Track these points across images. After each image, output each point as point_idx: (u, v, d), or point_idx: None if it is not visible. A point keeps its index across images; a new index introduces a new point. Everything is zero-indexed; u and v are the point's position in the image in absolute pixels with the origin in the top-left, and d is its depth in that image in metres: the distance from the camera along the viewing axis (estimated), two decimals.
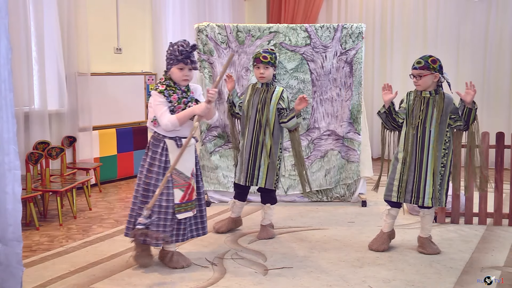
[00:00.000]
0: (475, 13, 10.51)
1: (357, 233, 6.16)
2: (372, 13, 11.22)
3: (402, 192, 5.43)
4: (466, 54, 10.59)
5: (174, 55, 4.88)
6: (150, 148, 4.99)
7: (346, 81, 7.45)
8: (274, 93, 5.84)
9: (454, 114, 5.35)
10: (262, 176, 5.85)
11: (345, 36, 7.39)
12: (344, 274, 4.95)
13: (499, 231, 6.37)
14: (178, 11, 10.12)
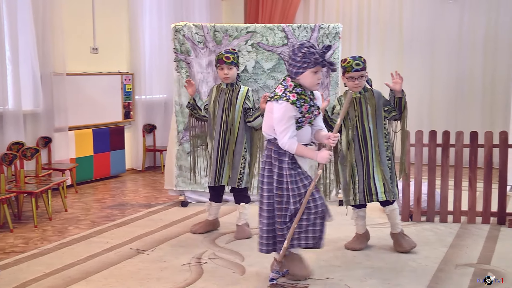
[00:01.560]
0: (449, 14, 10.62)
1: (335, 232, 6.13)
2: (349, 13, 11.27)
3: (357, 191, 5.49)
4: (440, 54, 10.68)
5: (309, 57, 4.39)
6: (275, 156, 4.58)
7: (323, 81, 7.44)
8: (239, 93, 5.88)
9: (386, 106, 5.44)
10: (226, 175, 5.90)
11: (322, 36, 7.43)
12: (322, 273, 4.95)
13: (473, 229, 6.45)
14: (155, 11, 10.09)
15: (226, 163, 5.89)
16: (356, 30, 11.25)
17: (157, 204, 7.51)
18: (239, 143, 5.88)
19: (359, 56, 5.44)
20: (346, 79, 5.43)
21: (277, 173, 4.57)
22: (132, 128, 9.84)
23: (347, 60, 5.40)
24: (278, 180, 4.56)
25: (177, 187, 7.35)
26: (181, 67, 7.29)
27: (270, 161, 4.61)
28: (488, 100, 10.48)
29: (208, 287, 4.63)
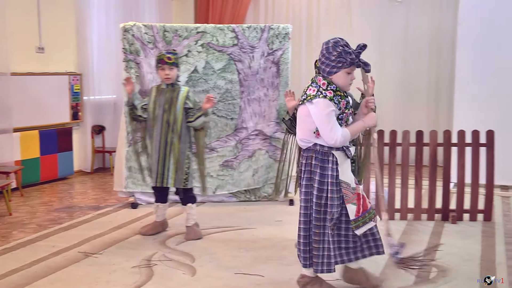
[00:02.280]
0: (396, 15, 10.78)
1: (285, 232, 6.18)
2: (298, 14, 11.31)
3: None
4: (388, 54, 10.84)
5: (344, 57, 4.27)
6: (315, 163, 4.32)
7: (273, 81, 7.50)
8: (180, 93, 5.87)
9: (355, 109, 5.51)
10: (171, 175, 5.86)
11: (272, 36, 7.46)
12: (272, 272, 4.97)
13: (419, 225, 6.58)
14: (103, 10, 9.97)
15: (171, 163, 5.84)
16: (306, 30, 11.30)
17: (106, 206, 7.41)
18: (183, 143, 5.86)
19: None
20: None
21: (318, 181, 4.28)
22: (81, 129, 9.70)
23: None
24: (319, 188, 4.28)
25: (127, 188, 7.28)
26: (130, 67, 7.22)
27: (309, 169, 4.34)
28: (432, 100, 10.67)
29: None
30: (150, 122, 5.94)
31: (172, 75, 5.85)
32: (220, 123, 7.41)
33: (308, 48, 11.29)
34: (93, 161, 9.80)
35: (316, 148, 4.32)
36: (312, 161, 4.32)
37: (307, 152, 4.38)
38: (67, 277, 4.85)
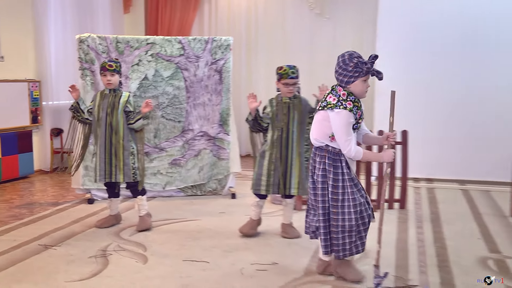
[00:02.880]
0: (324, 29, 10.90)
1: (228, 223, 6.20)
2: (238, 27, 11.32)
3: (270, 185, 5.55)
4: (318, 62, 10.90)
5: (361, 67, 4.24)
6: (329, 163, 4.35)
7: (216, 88, 7.51)
8: (121, 98, 5.82)
9: (311, 114, 5.57)
10: (119, 172, 5.81)
11: (215, 47, 7.46)
12: (216, 259, 4.97)
13: None
14: (60, 21, 9.77)
15: (116, 160, 5.80)
16: (245, 42, 11.31)
17: (64, 202, 7.27)
18: (126, 142, 5.80)
19: (293, 66, 5.48)
20: (281, 84, 5.46)
21: (332, 179, 4.33)
22: (40, 132, 9.51)
23: (283, 68, 5.42)
24: (334, 185, 4.32)
25: (83, 186, 7.18)
26: (85, 75, 7.13)
27: (324, 168, 4.37)
28: None
29: (113, 276, 4.54)
30: (95, 125, 5.89)
31: (114, 81, 5.80)
32: (169, 125, 7.38)
33: (247, 58, 11.31)
34: (52, 161, 9.62)
35: (329, 148, 4.36)
36: (326, 160, 4.36)
37: (320, 151, 4.42)
38: (28, 268, 4.74)
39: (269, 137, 5.58)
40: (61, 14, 9.84)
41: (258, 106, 5.52)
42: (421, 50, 8.82)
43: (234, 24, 11.36)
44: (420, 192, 8.07)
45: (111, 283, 4.41)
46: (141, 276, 4.56)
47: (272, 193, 5.62)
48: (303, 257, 5.08)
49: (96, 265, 4.81)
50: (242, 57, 11.25)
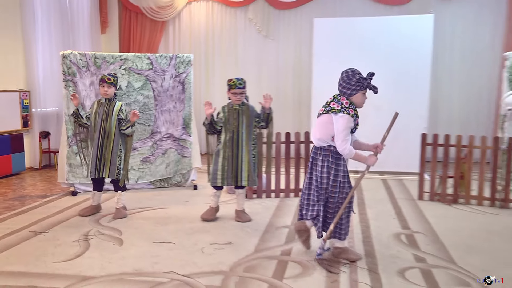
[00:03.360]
0: (270, 48, 10.96)
1: (190, 210, 6.19)
2: (198, 46, 11.27)
3: (224, 178, 5.57)
4: (264, 76, 10.98)
5: (362, 82, 4.33)
6: (332, 161, 4.35)
7: (180, 96, 7.48)
8: (115, 107, 5.78)
9: (257, 118, 5.63)
10: (106, 169, 5.77)
11: (178, 63, 7.43)
12: (181, 240, 4.98)
13: (288, 201, 6.72)
14: (46, 40, 9.57)
15: (105, 160, 5.74)
16: (204, 58, 11.29)
17: (52, 194, 7.15)
18: (116, 145, 5.75)
19: (241, 78, 5.57)
20: (231, 94, 5.52)
21: (334, 174, 4.33)
22: (30, 135, 9.31)
23: (232, 80, 5.51)
24: (334, 179, 4.32)
25: (68, 180, 7.04)
26: (68, 85, 6.99)
27: (328, 165, 4.35)
28: (297, 110, 10.90)
29: (94, 257, 4.50)
30: (91, 128, 5.82)
31: (110, 92, 5.76)
32: (140, 128, 7.31)
33: (205, 71, 11.28)
34: (41, 160, 9.43)
35: (331, 148, 4.35)
36: (330, 158, 4.35)
37: (323, 151, 4.40)
38: (19, 252, 4.67)
39: (222, 138, 5.60)
40: (47, 33, 9.65)
41: (213, 112, 5.55)
42: (347, 65, 8.93)
43: (194, 43, 11.32)
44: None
45: (92, 262, 4.37)
46: (118, 256, 4.53)
47: (227, 185, 5.63)
48: (253, 237, 5.12)
49: (79, 248, 4.76)
50: (202, 71, 11.22)
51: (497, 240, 5.16)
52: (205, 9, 11.23)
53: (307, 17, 10.62)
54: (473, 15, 10.24)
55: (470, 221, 5.84)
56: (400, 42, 8.81)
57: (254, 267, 4.29)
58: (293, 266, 4.32)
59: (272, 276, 4.08)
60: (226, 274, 4.13)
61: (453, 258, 4.58)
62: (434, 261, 4.50)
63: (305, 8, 10.75)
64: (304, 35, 10.67)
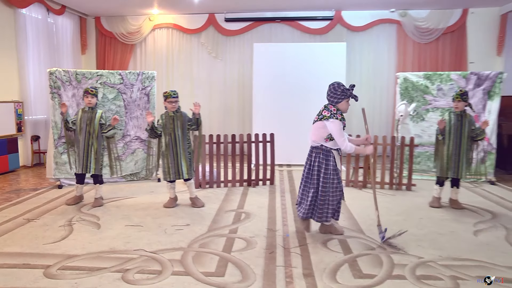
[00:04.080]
0: (219, 67, 10.87)
1: (156, 198, 6.13)
2: (161, 64, 11.08)
3: (171, 174, 5.55)
4: (215, 89, 10.87)
5: (345, 92, 4.32)
6: (322, 157, 4.36)
7: (145, 106, 7.37)
8: (97, 114, 5.66)
9: (189, 122, 5.59)
10: (92, 166, 5.65)
11: (144, 78, 7.32)
12: (148, 223, 4.93)
13: (234, 189, 6.71)
14: (36, 59, 9.18)
15: (92, 158, 5.61)
16: (165, 75, 11.14)
17: (41, 188, 6.90)
18: (99, 146, 5.63)
19: (174, 90, 5.55)
20: (167, 103, 5.48)
21: (324, 168, 4.32)
22: (23, 138, 8.91)
23: (167, 92, 5.49)
24: (325, 173, 4.31)
25: (55, 176, 6.81)
26: (54, 97, 6.77)
27: (319, 161, 4.35)
28: (241, 116, 10.86)
29: (76, 239, 4.42)
30: (77, 132, 5.67)
31: (93, 102, 5.64)
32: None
33: (166, 85, 11.07)
34: (32, 159, 9.05)
35: (323, 147, 4.37)
36: (320, 155, 4.37)
37: (316, 150, 4.40)
38: (15, 236, 4.53)
39: (163, 141, 5.58)
40: (37, 53, 9.28)
41: (153, 119, 5.53)
42: (280, 82, 9.05)
43: (157, 62, 11.12)
44: (283, 173, 8.17)
45: (74, 243, 4.29)
46: (96, 238, 4.46)
47: (174, 179, 5.61)
48: (206, 220, 5.11)
49: (64, 232, 4.66)
50: (163, 85, 11.03)
51: (393, 214, 5.38)
52: (166, 34, 11.08)
53: (248, 42, 10.65)
54: (374, 43, 10.55)
55: None
56: (321, 63, 8.97)
57: (207, 243, 4.31)
58: (239, 241, 4.36)
59: (222, 250, 4.11)
60: (185, 250, 4.13)
61: (362, 229, 4.75)
62: (348, 232, 4.64)
63: (247, 35, 10.78)
64: (246, 57, 10.70)
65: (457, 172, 5.56)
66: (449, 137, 5.55)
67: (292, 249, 4.17)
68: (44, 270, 3.68)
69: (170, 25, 10.95)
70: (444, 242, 4.39)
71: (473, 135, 5.52)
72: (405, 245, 4.25)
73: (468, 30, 10.33)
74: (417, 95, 7.62)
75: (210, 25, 10.79)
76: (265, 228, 4.80)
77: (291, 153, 8.86)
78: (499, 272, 3.68)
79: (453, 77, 7.54)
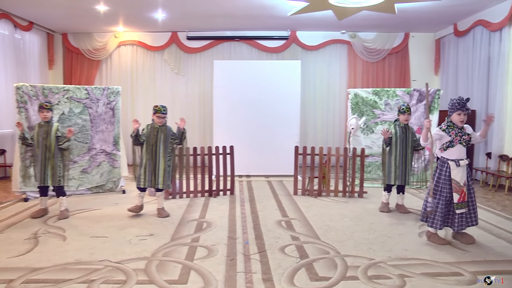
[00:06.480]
0: (180, 82, 10.79)
1: (120, 210, 5.99)
2: (126, 80, 10.89)
3: (147, 181, 5.47)
4: (177, 104, 10.77)
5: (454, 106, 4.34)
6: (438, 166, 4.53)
7: (111, 120, 7.22)
8: (53, 127, 5.53)
9: (173, 136, 5.59)
10: (49, 178, 5.49)
11: (110, 93, 7.18)
12: (113, 234, 4.82)
13: (197, 200, 6.65)
14: (3, 74, 8.81)
15: (49, 170, 5.45)
16: (130, 90, 10.95)
17: (7, 201, 6.61)
18: (56, 158, 5.48)
19: (164, 106, 5.55)
20: (155, 117, 5.47)
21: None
22: None
23: (158, 107, 5.49)
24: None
25: (20, 189, 6.56)
26: (21, 111, 6.53)
27: None
28: (202, 130, 10.80)
29: (42, 252, 4.25)
30: (35, 146, 5.50)
31: (48, 116, 5.51)
32: (80, 145, 6.99)
33: (131, 100, 10.91)
34: None
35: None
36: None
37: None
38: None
39: (144, 150, 5.52)
40: (3, 68, 8.91)
41: (138, 127, 5.48)
42: (238, 97, 9.10)
43: (123, 78, 10.92)
44: (243, 183, 8.16)
45: (40, 256, 4.14)
46: (62, 250, 4.31)
47: (148, 186, 5.54)
48: (170, 229, 5.06)
49: (29, 245, 4.48)
50: (128, 99, 10.87)
51: (347, 219, 5.50)
52: (131, 51, 10.93)
53: (209, 59, 10.66)
54: (327, 62, 10.79)
55: (330, 208, 6.14)
56: (277, 80, 9.09)
57: (171, 252, 4.26)
58: (201, 250, 4.32)
59: (185, 258, 4.07)
60: (149, 259, 4.07)
61: (318, 235, 4.81)
62: (305, 238, 4.69)
63: (208, 52, 10.79)
64: (207, 73, 10.70)
65: (403, 180, 5.76)
66: (396, 148, 5.75)
67: (252, 255, 4.17)
68: (7, 285, 3.51)
69: (135, 42, 10.83)
70: (393, 244, 4.53)
71: (415, 145, 5.76)
72: (357, 249, 4.35)
73: (410, 52, 10.80)
74: (366, 109, 7.86)
75: (173, 42, 10.74)
76: (226, 236, 4.78)
77: (250, 165, 8.88)
78: (440, 268, 3.85)
79: (398, 93, 7.84)
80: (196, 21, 9.65)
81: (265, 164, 8.94)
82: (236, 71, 9.14)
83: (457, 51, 9.71)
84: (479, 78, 8.72)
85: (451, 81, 9.95)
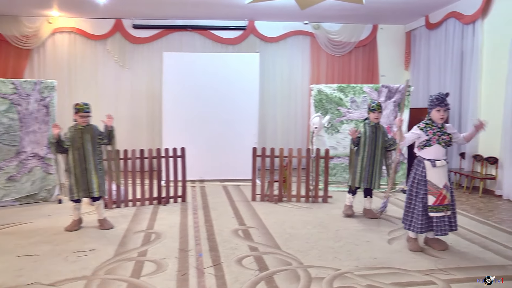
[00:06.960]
0: (125, 76, 10.55)
1: (55, 222, 5.74)
2: (62, 73, 10.51)
3: (79, 192, 5.29)
4: (121, 100, 10.54)
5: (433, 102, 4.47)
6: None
7: (44, 119, 6.95)
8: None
9: (100, 136, 5.45)
10: None
11: (43, 88, 6.93)
12: (46, 251, 4.58)
13: (144, 208, 6.51)
14: None
15: None
16: (67, 84, 10.57)
17: None
18: None
19: (87, 103, 5.39)
20: (77, 116, 5.27)
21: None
22: None
23: (79, 104, 5.30)
24: None
25: None
26: None
27: None
28: (150, 130, 10.59)
29: None
30: None
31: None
32: (5, 149, 6.66)
33: (69, 96, 10.53)
34: None
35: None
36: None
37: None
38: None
39: (70, 157, 5.31)
40: None
41: (60, 131, 5.27)
42: (191, 93, 8.98)
43: (58, 70, 10.52)
44: (195, 189, 8.10)
45: None
46: None
47: (83, 197, 5.35)
48: (113, 242, 4.91)
49: None
50: (66, 95, 10.48)
51: (310, 227, 5.55)
52: (68, 40, 10.56)
53: (157, 51, 10.48)
54: (288, 55, 10.87)
55: (291, 215, 6.17)
56: (234, 74, 9.06)
57: (114, 269, 4.12)
58: (149, 265, 4.23)
59: (130, 276, 3.96)
60: (89, 278, 3.92)
61: (279, 245, 4.82)
62: (264, 249, 4.69)
63: (156, 43, 10.61)
64: (155, 66, 10.52)
65: (370, 183, 5.86)
66: (364, 148, 5.83)
67: (206, 269, 4.12)
68: None
69: (73, 29, 10.48)
70: (361, 252, 4.59)
71: (386, 146, 5.87)
72: (322, 258, 4.36)
73: (379, 45, 11.06)
74: (331, 107, 7.96)
75: (117, 31, 10.49)
76: (177, 248, 4.71)
77: (204, 168, 8.81)
78: (410, 277, 3.93)
79: (365, 89, 7.98)
80: (143, 8, 9.47)
81: (221, 168, 8.90)
82: (188, 64, 9.03)
83: (429, 45, 10.03)
84: (452, 73, 9.04)
85: (422, 77, 10.27)
